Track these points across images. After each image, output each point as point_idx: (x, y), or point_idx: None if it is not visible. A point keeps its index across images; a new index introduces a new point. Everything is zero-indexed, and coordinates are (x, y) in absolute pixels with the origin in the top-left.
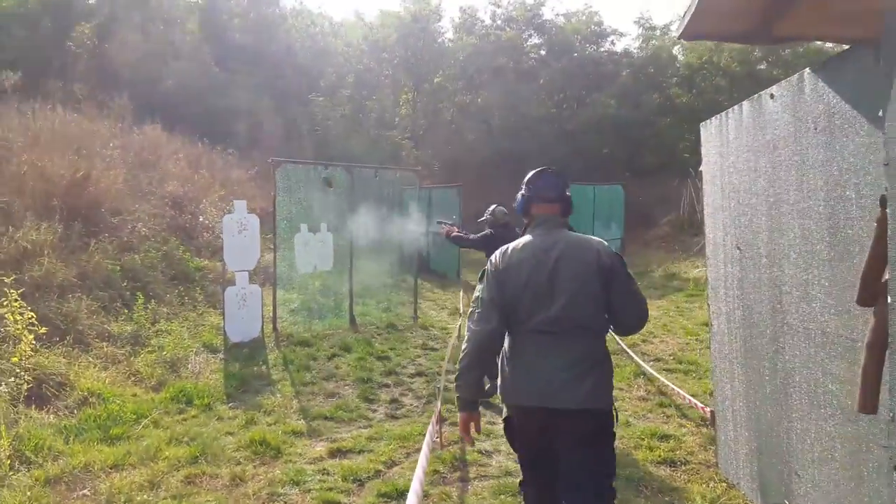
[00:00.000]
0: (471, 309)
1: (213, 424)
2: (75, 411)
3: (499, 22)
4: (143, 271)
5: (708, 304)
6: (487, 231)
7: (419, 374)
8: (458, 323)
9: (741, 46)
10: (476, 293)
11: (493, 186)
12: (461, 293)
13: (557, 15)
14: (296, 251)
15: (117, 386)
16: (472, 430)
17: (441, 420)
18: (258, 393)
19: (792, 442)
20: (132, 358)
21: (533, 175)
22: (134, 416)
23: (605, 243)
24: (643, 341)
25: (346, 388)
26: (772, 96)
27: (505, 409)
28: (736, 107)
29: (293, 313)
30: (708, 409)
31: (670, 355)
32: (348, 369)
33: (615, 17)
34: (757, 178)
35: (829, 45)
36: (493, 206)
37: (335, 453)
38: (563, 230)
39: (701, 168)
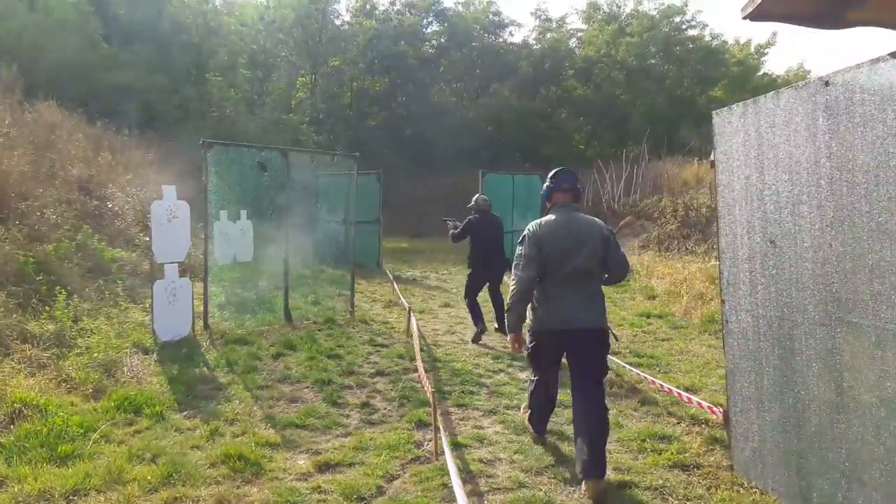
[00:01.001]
0: (515, 262)
1: (172, 437)
2: (9, 427)
3: (398, 6)
4: (56, 263)
5: (722, 301)
6: (469, 217)
7: (379, 373)
8: (410, 319)
9: (638, 41)
10: (518, 251)
11: (397, 172)
12: (394, 285)
13: (457, 3)
14: (215, 241)
15: (49, 394)
16: (517, 346)
17: (436, 428)
18: (210, 399)
19: (854, 447)
20: (60, 361)
21: (554, 172)
22: (81, 430)
23: (602, 223)
24: None
25: (307, 391)
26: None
27: (530, 338)
28: (778, 92)
29: (220, 309)
30: (718, 410)
31: (625, 349)
32: (301, 370)
33: (512, 8)
34: (816, 170)
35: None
36: (476, 196)
37: (323, 467)
38: (575, 211)
39: (712, 158)
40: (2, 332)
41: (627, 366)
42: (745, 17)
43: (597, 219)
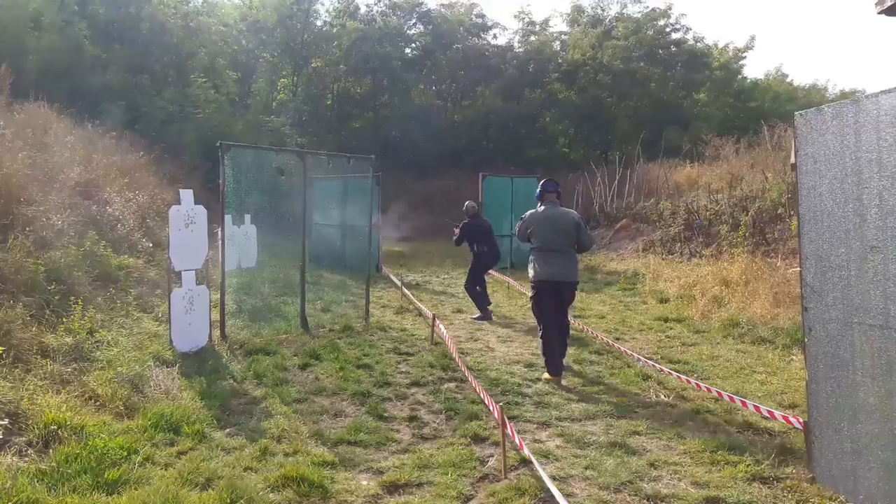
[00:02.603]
0: (517, 231)
1: (220, 458)
2: (45, 450)
3: (381, 7)
4: (66, 272)
5: (805, 309)
6: (464, 221)
7: (415, 384)
8: (437, 327)
9: (624, 44)
10: (518, 224)
11: (383, 176)
12: (404, 291)
13: (441, 5)
14: (218, 246)
15: (78, 413)
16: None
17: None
18: (248, 414)
19: None
20: (83, 377)
21: (544, 181)
22: (123, 453)
23: (576, 213)
24: (617, 339)
25: (345, 403)
26: None
27: (531, 288)
28: (885, 93)
29: (231, 316)
30: (798, 420)
31: (655, 354)
32: (335, 381)
33: (496, 11)
34: None
35: (700, 45)
36: (466, 203)
37: (390, 489)
38: (557, 206)
39: (792, 161)
40: (21, 347)
41: (675, 373)
42: (880, 13)
43: (572, 210)
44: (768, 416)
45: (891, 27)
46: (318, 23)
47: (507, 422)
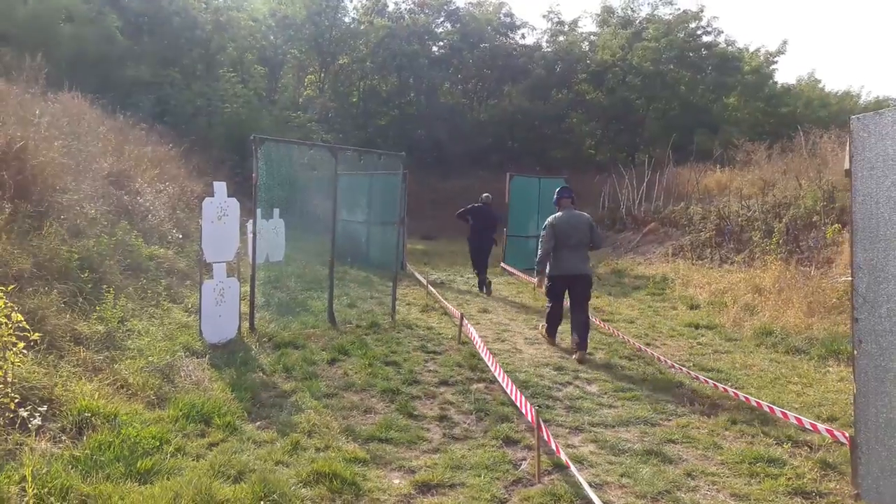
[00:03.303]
0: (540, 239)
1: (252, 451)
2: (78, 437)
3: (409, 5)
4: (98, 260)
5: (855, 320)
6: (473, 204)
7: (443, 383)
8: (465, 327)
9: (655, 45)
10: (542, 233)
11: (408, 174)
12: (430, 290)
13: (469, 3)
14: (247, 239)
15: (110, 401)
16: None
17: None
18: (279, 408)
19: None
20: (114, 365)
21: (560, 188)
22: (155, 443)
23: (589, 216)
24: (647, 345)
25: (374, 400)
26: None
27: (548, 280)
28: None
29: (259, 309)
30: (843, 435)
31: (687, 361)
32: (362, 377)
33: (524, 10)
34: None
35: (738, 47)
36: (483, 195)
37: (423, 488)
38: (573, 209)
39: (846, 167)
40: (55, 334)
41: (710, 381)
42: None
43: (585, 213)
44: (810, 428)
45: None
46: (346, 19)
47: (542, 425)
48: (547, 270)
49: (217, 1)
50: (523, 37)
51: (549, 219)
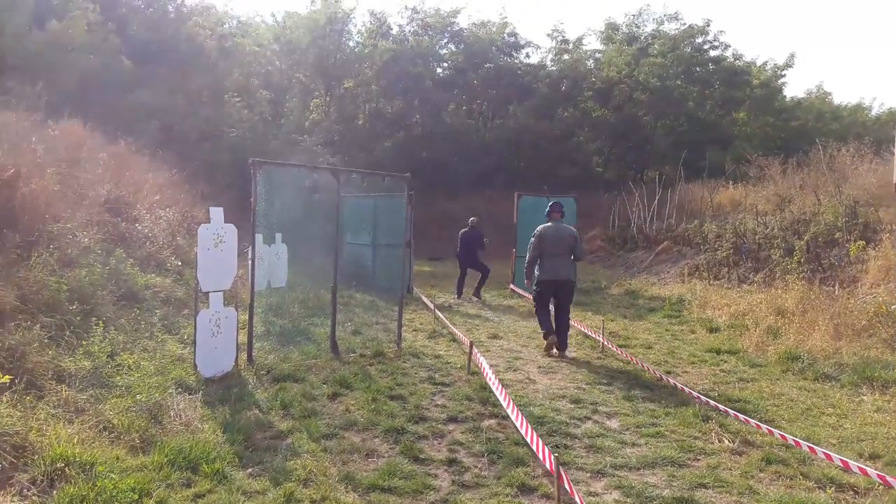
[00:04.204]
0: (529, 248)
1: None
2: (49, 490)
3: (413, 27)
4: (90, 291)
5: None
6: (462, 230)
7: (452, 419)
8: (475, 356)
9: (661, 61)
10: (531, 241)
11: (414, 195)
12: (437, 314)
13: (473, 24)
14: (248, 265)
15: (90, 446)
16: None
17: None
18: (273, 451)
19: None
20: (99, 405)
21: (552, 203)
22: (134, 496)
23: (574, 229)
24: (668, 373)
25: (378, 441)
26: None
27: (536, 284)
28: None
29: (259, 339)
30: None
31: (712, 391)
32: (366, 414)
33: (528, 29)
34: None
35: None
36: (471, 218)
37: None
38: (561, 223)
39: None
40: (36, 371)
41: (739, 415)
42: None
43: (570, 227)
44: (857, 471)
45: None
46: (351, 43)
47: (562, 473)
48: (535, 276)
49: (223, 27)
50: (528, 56)
51: (538, 228)
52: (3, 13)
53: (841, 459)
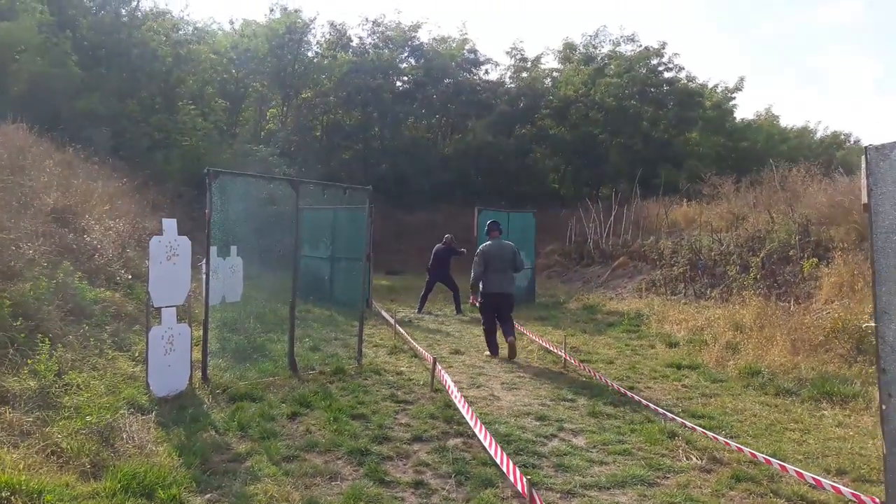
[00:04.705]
0: (474, 266)
1: None
2: None
3: (374, 39)
4: (34, 306)
5: (882, 371)
6: (436, 246)
7: (417, 439)
8: (438, 373)
9: (617, 81)
10: (476, 259)
11: (374, 208)
12: (398, 329)
13: (433, 39)
14: (202, 279)
15: (37, 472)
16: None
17: None
18: (232, 475)
19: None
20: (46, 427)
21: (490, 222)
22: None
23: (513, 244)
24: (631, 388)
25: (341, 463)
26: None
27: (482, 297)
28: None
29: (214, 356)
30: (873, 501)
31: (675, 406)
32: (327, 435)
33: (488, 46)
34: None
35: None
36: (445, 235)
37: None
38: (501, 240)
39: (864, 201)
40: None
41: (707, 431)
42: None
43: (510, 242)
44: (830, 490)
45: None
46: (310, 54)
47: (535, 497)
48: (479, 289)
49: (178, 34)
50: (487, 72)
51: (481, 246)
52: None
53: (813, 478)
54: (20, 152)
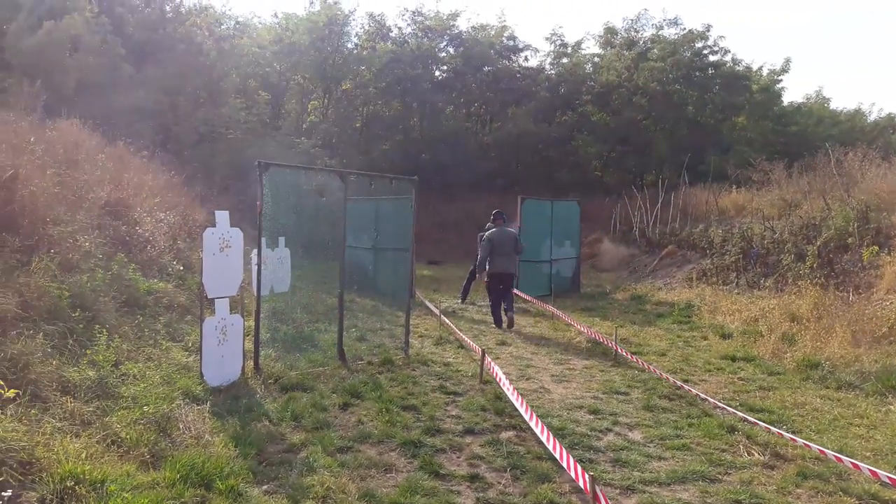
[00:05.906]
0: (481, 249)
1: None
2: None
3: (413, 29)
4: (91, 297)
5: None
6: (485, 231)
7: (469, 431)
8: (487, 365)
9: (661, 66)
10: (483, 243)
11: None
12: (443, 320)
13: (472, 27)
14: (252, 271)
15: (99, 462)
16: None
17: None
18: (288, 465)
19: None
20: (105, 417)
21: (495, 212)
22: None
23: (515, 231)
24: (685, 381)
25: (394, 455)
26: None
27: (488, 276)
28: None
29: (264, 346)
30: None
31: (733, 400)
32: (379, 426)
33: (527, 33)
34: None
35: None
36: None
37: None
38: (505, 227)
39: None
40: (40, 382)
41: (769, 426)
42: None
43: (512, 230)
44: None
45: None
46: (350, 45)
47: (599, 494)
48: (486, 269)
49: (221, 28)
50: (526, 59)
51: (487, 233)
52: (4, 12)
53: (888, 476)
54: (74, 147)
